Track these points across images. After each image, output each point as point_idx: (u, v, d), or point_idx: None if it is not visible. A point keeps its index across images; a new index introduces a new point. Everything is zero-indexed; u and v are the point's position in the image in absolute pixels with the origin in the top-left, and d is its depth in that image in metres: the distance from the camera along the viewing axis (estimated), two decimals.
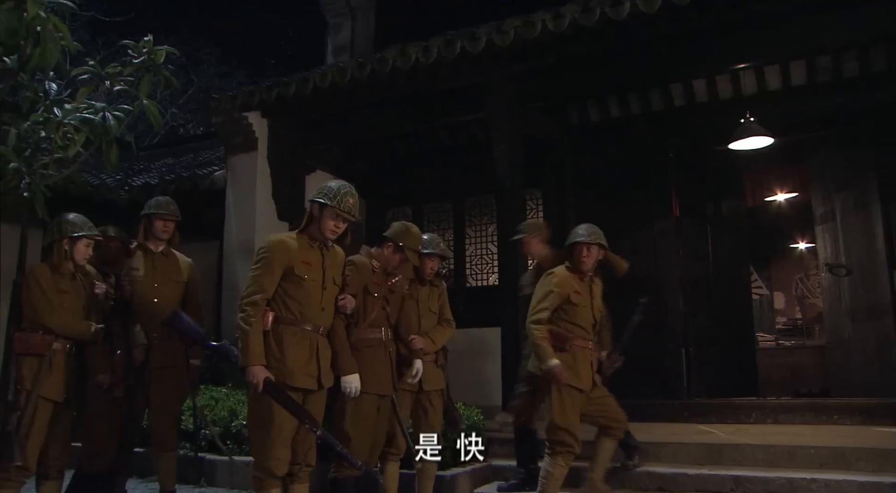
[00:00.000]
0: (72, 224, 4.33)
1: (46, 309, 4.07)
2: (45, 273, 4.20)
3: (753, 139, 7.04)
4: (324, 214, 3.81)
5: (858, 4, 5.39)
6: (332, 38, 10.42)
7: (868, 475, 4.45)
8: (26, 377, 3.96)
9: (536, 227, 5.44)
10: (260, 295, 3.51)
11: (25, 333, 4.05)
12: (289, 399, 3.46)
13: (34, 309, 4.07)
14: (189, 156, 11.00)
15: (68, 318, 4.15)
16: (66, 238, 4.28)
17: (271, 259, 3.60)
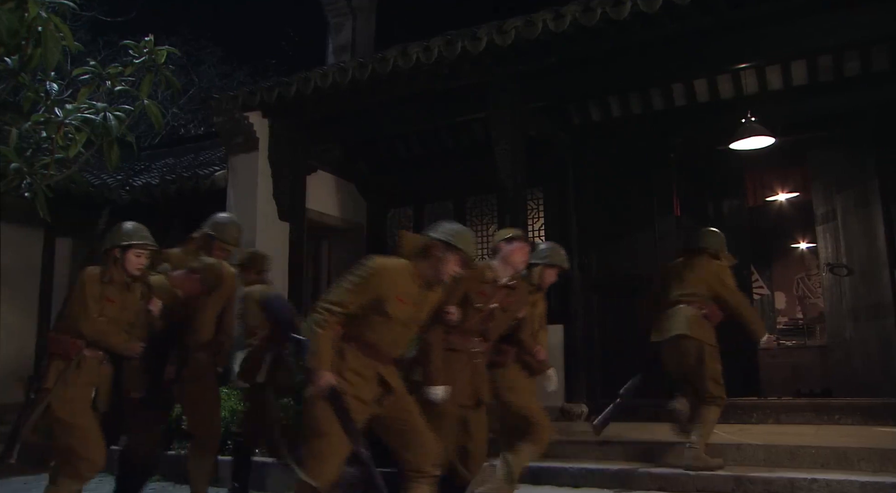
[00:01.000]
0: (124, 233, 4.26)
1: (82, 315, 4.00)
2: (93, 279, 4.10)
3: (754, 139, 7.04)
4: (447, 256, 3.54)
5: (860, 4, 5.38)
6: (334, 38, 10.42)
7: (869, 476, 4.45)
8: (49, 377, 3.92)
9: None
10: (340, 309, 3.36)
11: (59, 334, 4.02)
12: (346, 412, 3.34)
13: (71, 312, 4.03)
14: (190, 156, 11.00)
15: (104, 328, 4.05)
16: (117, 247, 4.19)
17: (369, 286, 3.42)
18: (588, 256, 7.77)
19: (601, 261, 7.77)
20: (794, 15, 5.56)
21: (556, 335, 7.61)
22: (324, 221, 8.77)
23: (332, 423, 3.33)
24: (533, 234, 8.09)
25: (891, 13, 5.31)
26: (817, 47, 6.17)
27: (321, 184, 8.64)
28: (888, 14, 5.32)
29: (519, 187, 6.64)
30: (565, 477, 5.16)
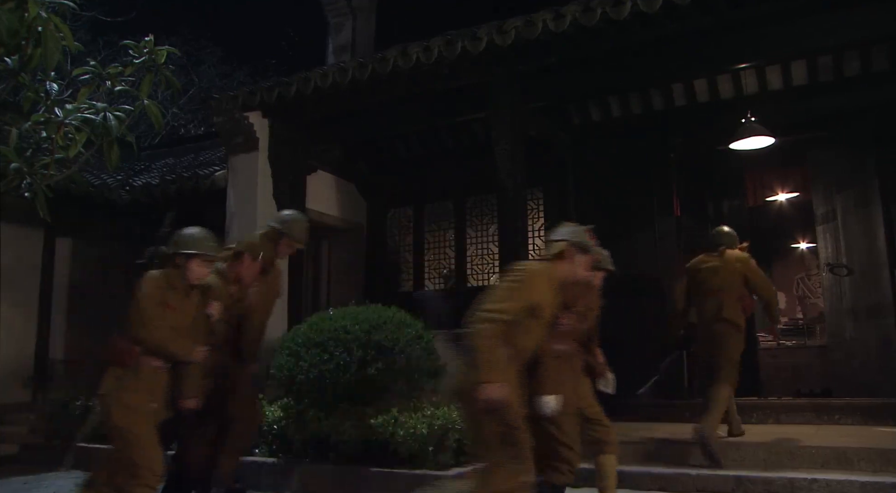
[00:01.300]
0: (190, 241, 4.12)
1: (141, 322, 3.88)
2: (157, 284, 3.99)
3: (754, 139, 7.04)
4: (578, 258, 3.66)
5: (859, 4, 5.38)
6: (334, 38, 10.42)
7: (869, 476, 4.45)
8: (106, 384, 3.83)
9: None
10: (507, 317, 3.35)
11: (119, 339, 3.88)
12: (516, 426, 3.34)
13: (131, 319, 3.91)
14: (190, 156, 11.00)
15: (165, 335, 3.92)
16: (180, 254, 4.08)
17: (527, 290, 3.46)
18: None
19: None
20: (794, 15, 5.55)
21: None
22: (324, 221, 8.77)
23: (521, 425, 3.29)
24: (533, 234, 8.09)
25: (891, 13, 5.31)
26: (817, 47, 6.17)
27: (321, 184, 8.64)
28: (888, 14, 5.32)
29: (519, 187, 6.64)
30: None
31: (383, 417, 5.29)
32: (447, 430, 5.17)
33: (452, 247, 8.82)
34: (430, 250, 9.00)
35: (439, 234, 8.98)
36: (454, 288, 8.71)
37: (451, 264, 8.80)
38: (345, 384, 5.50)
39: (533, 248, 8.03)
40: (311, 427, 5.53)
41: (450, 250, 8.84)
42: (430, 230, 9.06)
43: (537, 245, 8.15)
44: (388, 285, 9.08)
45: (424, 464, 5.05)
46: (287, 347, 5.89)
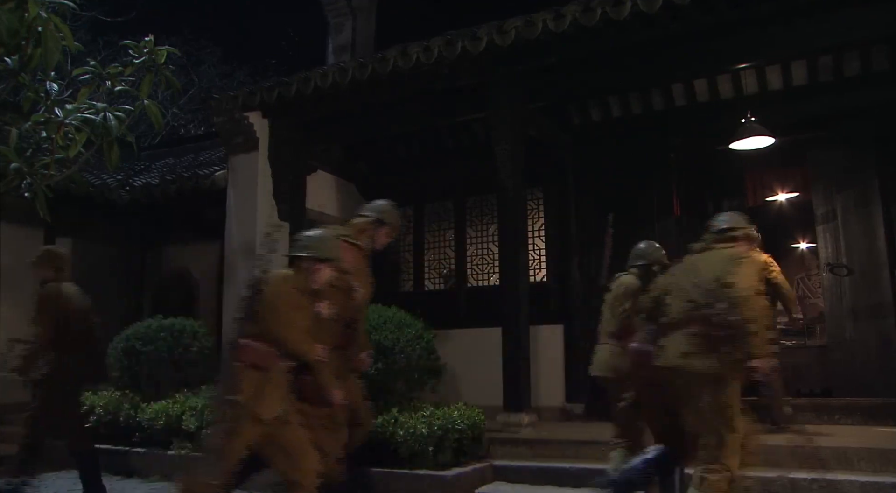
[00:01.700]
0: (317, 244, 3.96)
1: (280, 322, 3.70)
2: (289, 285, 3.83)
3: (754, 139, 7.04)
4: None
5: (860, 4, 5.39)
6: (334, 38, 10.42)
7: (869, 476, 4.45)
8: (245, 389, 3.57)
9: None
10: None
11: (254, 341, 3.67)
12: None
13: (266, 319, 3.70)
14: (190, 156, 11.00)
15: (300, 336, 3.77)
16: (309, 258, 3.92)
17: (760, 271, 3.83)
18: (588, 256, 7.76)
19: (601, 261, 7.75)
20: (794, 15, 5.56)
21: (555, 336, 7.64)
22: (324, 221, 8.74)
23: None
24: (533, 234, 8.09)
25: (890, 13, 5.32)
26: (817, 47, 6.18)
27: (321, 184, 8.64)
28: (888, 14, 5.33)
29: (519, 187, 6.64)
30: (566, 477, 5.16)
31: (383, 417, 5.29)
32: (447, 430, 5.17)
33: (452, 247, 8.82)
34: (430, 250, 9.00)
35: (439, 234, 8.98)
36: (454, 288, 8.71)
37: (451, 264, 8.80)
38: None
39: (533, 248, 8.04)
40: None
41: (450, 249, 8.84)
42: (430, 230, 9.06)
43: (537, 245, 8.16)
44: (388, 285, 9.07)
45: (424, 464, 5.06)
46: None
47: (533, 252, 8.07)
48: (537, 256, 8.16)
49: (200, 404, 6.30)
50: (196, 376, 7.06)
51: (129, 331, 7.20)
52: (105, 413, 6.72)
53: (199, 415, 6.21)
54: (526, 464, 5.42)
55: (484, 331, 7.27)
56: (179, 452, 6.17)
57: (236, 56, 20.32)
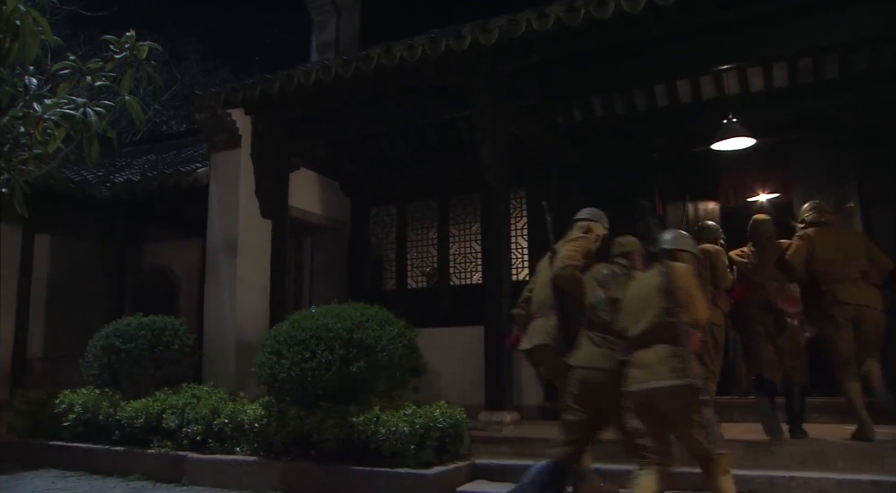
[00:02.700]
0: (687, 240, 4.39)
1: (697, 307, 3.93)
2: (691, 273, 4.13)
3: (735, 140, 7.09)
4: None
5: (839, 8, 5.44)
6: (317, 35, 10.39)
7: (846, 473, 4.50)
8: (696, 370, 3.79)
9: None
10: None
11: (684, 325, 3.81)
12: None
13: (692, 302, 3.89)
14: (172, 153, 10.94)
15: (706, 313, 4.15)
16: (683, 251, 4.26)
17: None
18: None
19: None
20: (775, 18, 5.60)
21: None
22: (306, 219, 8.74)
23: None
24: (515, 233, 8.11)
25: (870, 17, 5.38)
26: (798, 50, 6.24)
27: (304, 181, 8.61)
28: (866, 18, 5.40)
29: (502, 186, 6.65)
30: None
31: (365, 415, 5.28)
32: (429, 428, 5.17)
33: (435, 245, 8.82)
34: (413, 249, 9.00)
35: (422, 232, 8.98)
36: (437, 286, 8.72)
37: (434, 263, 8.80)
38: (326, 383, 5.49)
39: (515, 247, 8.05)
40: (292, 426, 5.51)
41: (433, 248, 8.84)
42: (413, 229, 9.05)
43: (520, 244, 8.17)
44: (371, 283, 9.07)
45: (406, 462, 5.05)
46: (269, 345, 5.87)
47: (515, 251, 8.08)
48: (520, 255, 8.17)
49: (181, 403, 6.27)
50: (177, 373, 7.02)
51: (108, 328, 7.14)
52: (84, 411, 6.66)
53: (180, 413, 6.18)
54: (507, 462, 5.42)
55: (466, 329, 7.29)
56: (159, 450, 6.13)
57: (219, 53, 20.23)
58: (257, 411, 5.79)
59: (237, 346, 7.39)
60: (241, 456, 5.75)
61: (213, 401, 6.23)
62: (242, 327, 7.48)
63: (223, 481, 5.68)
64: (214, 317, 7.66)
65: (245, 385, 6.84)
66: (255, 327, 7.33)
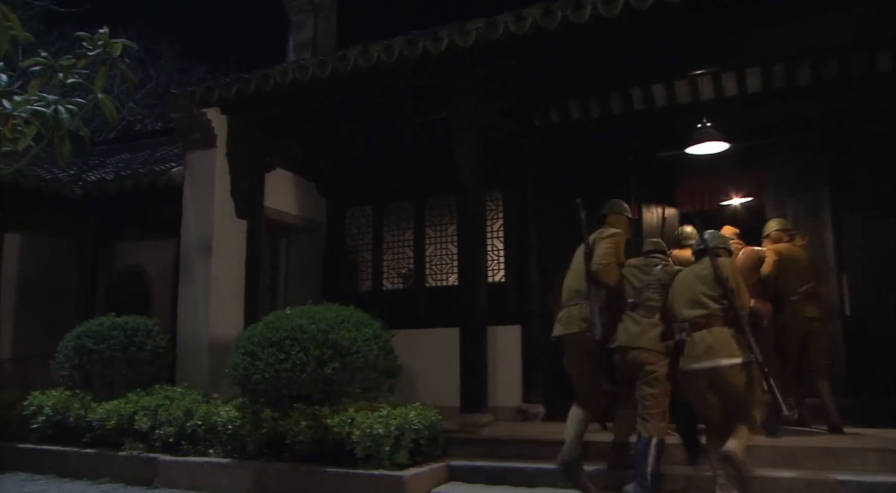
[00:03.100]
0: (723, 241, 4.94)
1: (746, 292, 4.65)
2: (735, 266, 4.99)
3: (710, 144, 7.16)
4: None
5: (811, 15, 5.51)
6: (295, 35, 10.34)
7: (815, 473, 4.56)
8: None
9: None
10: None
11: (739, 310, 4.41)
12: None
13: (743, 291, 4.57)
14: (146, 152, 10.83)
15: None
16: (723, 249, 4.85)
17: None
18: (547, 257, 7.82)
19: (560, 263, 7.81)
20: (749, 24, 5.67)
21: (513, 336, 7.67)
22: (282, 220, 8.70)
23: None
24: (492, 235, 8.12)
25: (840, 25, 5.47)
26: (771, 56, 6.32)
27: (280, 182, 8.56)
28: (838, 26, 5.48)
29: (479, 188, 6.66)
30: (522, 476, 5.19)
31: (340, 417, 5.27)
32: (404, 430, 5.17)
33: (412, 247, 8.82)
34: (389, 250, 8.98)
35: (399, 233, 8.97)
36: (413, 288, 8.71)
37: (410, 264, 8.79)
38: (301, 384, 5.47)
39: (492, 249, 8.07)
40: (266, 427, 5.48)
41: (409, 249, 8.84)
42: (389, 230, 9.04)
43: (496, 246, 8.19)
44: (347, 285, 9.04)
45: (381, 464, 5.04)
46: (243, 346, 5.83)
47: (492, 253, 8.10)
48: (496, 256, 8.19)
49: (154, 404, 6.21)
50: (150, 375, 6.96)
51: (80, 329, 7.05)
52: (54, 413, 6.58)
53: (152, 415, 6.12)
54: (482, 464, 5.43)
55: (442, 331, 7.29)
56: (131, 452, 6.07)
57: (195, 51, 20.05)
58: (231, 412, 5.75)
59: (211, 347, 7.33)
60: (215, 458, 5.71)
61: (187, 402, 6.17)
62: (216, 328, 7.42)
63: (196, 483, 5.63)
64: (188, 318, 7.60)
65: (219, 387, 6.79)
66: (229, 328, 7.28)
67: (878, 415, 6.09)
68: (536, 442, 5.65)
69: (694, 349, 4.36)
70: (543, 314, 7.72)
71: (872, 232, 6.74)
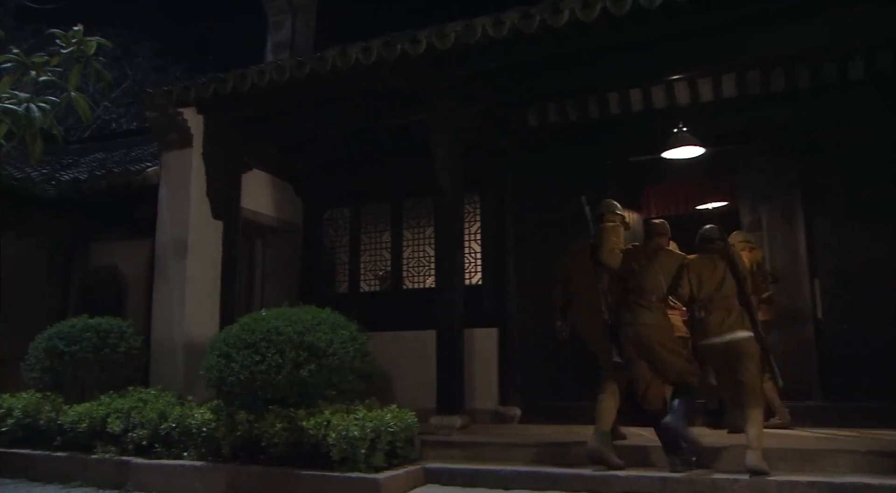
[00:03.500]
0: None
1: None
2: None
3: (685, 148, 7.23)
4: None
5: (785, 23, 5.60)
6: (273, 35, 10.29)
7: (787, 475, 4.61)
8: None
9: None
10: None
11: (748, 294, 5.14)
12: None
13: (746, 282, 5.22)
14: (121, 151, 10.72)
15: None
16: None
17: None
18: (524, 260, 7.85)
19: (537, 265, 7.86)
20: (724, 30, 5.74)
21: (490, 339, 7.69)
22: (258, 221, 8.65)
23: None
24: (469, 237, 8.13)
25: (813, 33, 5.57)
26: (747, 62, 6.41)
27: (257, 182, 8.51)
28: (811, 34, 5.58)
29: (456, 191, 6.67)
30: (497, 479, 5.19)
31: (315, 419, 5.24)
32: (380, 432, 5.15)
33: (389, 249, 8.80)
34: (366, 252, 8.96)
35: (376, 235, 8.95)
36: (390, 290, 8.70)
37: (388, 266, 8.78)
38: (276, 386, 5.43)
39: (469, 251, 8.08)
40: (241, 430, 5.44)
41: (386, 251, 8.82)
42: (366, 232, 9.02)
43: (473, 249, 8.20)
44: (324, 287, 9.01)
45: (357, 467, 5.02)
46: (218, 348, 5.78)
47: (469, 255, 8.11)
48: (473, 259, 8.20)
49: (127, 406, 6.14)
50: (123, 377, 6.88)
51: (51, 330, 6.96)
52: (24, 416, 6.47)
53: (126, 417, 6.05)
54: (458, 467, 5.43)
55: (419, 333, 7.29)
56: (103, 456, 5.99)
57: (173, 50, 19.83)
58: (206, 415, 5.70)
59: (186, 349, 7.27)
60: (188, 461, 5.65)
61: (161, 405, 6.11)
62: (191, 329, 7.36)
63: (169, 486, 5.57)
64: (163, 319, 7.53)
65: (194, 389, 6.73)
66: (204, 330, 7.22)
67: (850, 417, 6.19)
68: (512, 445, 5.66)
69: (712, 326, 5.04)
70: (521, 317, 7.76)
71: (845, 236, 6.84)
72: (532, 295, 7.80)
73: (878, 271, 6.63)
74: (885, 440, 5.19)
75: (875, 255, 6.66)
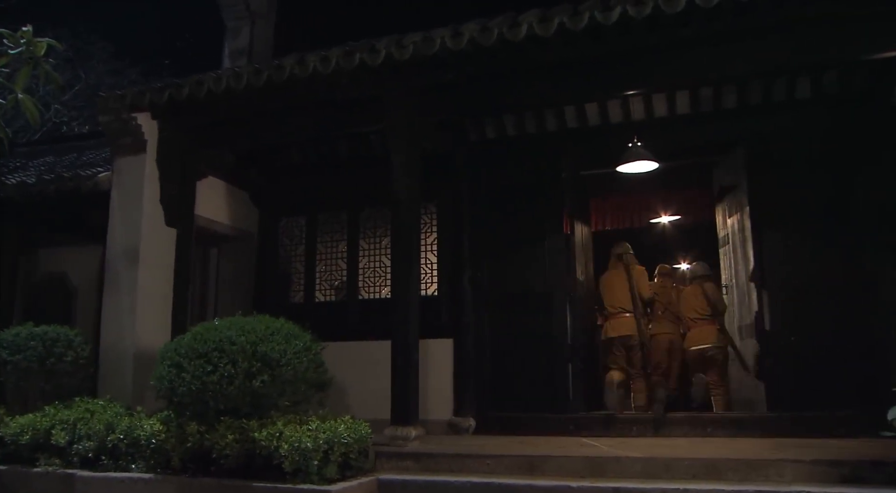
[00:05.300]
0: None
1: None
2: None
3: (639, 163, 7.35)
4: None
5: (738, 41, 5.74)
6: (230, 41, 10.20)
7: (735, 485, 4.69)
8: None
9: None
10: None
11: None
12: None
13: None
14: (72, 155, 10.48)
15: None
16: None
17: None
18: (480, 271, 7.87)
19: (492, 276, 7.89)
20: (679, 48, 5.86)
21: (445, 349, 7.69)
22: (213, 229, 8.52)
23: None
24: (425, 248, 8.13)
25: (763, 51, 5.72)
26: (699, 79, 6.54)
27: (212, 190, 8.39)
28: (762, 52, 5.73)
29: (413, 201, 6.67)
30: (450, 490, 5.18)
31: (268, 430, 5.18)
32: (333, 444, 5.11)
33: (345, 259, 8.75)
34: (322, 262, 8.89)
35: (332, 245, 8.89)
36: (345, 300, 8.64)
37: (343, 276, 8.72)
38: (229, 397, 5.36)
39: (425, 262, 8.08)
40: (192, 441, 5.35)
41: (342, 261, 8.76)
42: (322, 241, 8.95)
43: (430, 259, 8.20)
44: (279, 296, 8.91)
45: (309, 478, 4.97)
46: (169, 357, 5.68)
47: (425, 266, 8.10)
48: (429, 270, 8.20)
49: (73, 418, 5.99)
50: (70, 387, 6.72)
51: None
52: None
53: (71, 429, 5.90)
54: (412, 478, 5.41)
55: (374, 344, 7.25)
56: (46, 469, 5.83)
57: (128, 53, 19.49)
58: (155, 426, 5.59)
59: (136, 358, 7.12)
60: (137, 473, 5.54)
61: (108, 416, 5.97)
62: (142, 338, 7.22)
63: None
64: (112, 328, 7.37)
65: (143, 399, 6.60)
66: (155, 339, 7.07)
67: (798, 427, 6.33)
68: (466, 456, 5.65)
69: (693, 338, 7.87)
70: (476, 328, 7.77)
71: (792, 249, 6.99)
72: (487, 306, 7.83)
73: (824, 284, 6.79)
74: (831, 449, 5.32)
75: (822, 267, 6.83)
